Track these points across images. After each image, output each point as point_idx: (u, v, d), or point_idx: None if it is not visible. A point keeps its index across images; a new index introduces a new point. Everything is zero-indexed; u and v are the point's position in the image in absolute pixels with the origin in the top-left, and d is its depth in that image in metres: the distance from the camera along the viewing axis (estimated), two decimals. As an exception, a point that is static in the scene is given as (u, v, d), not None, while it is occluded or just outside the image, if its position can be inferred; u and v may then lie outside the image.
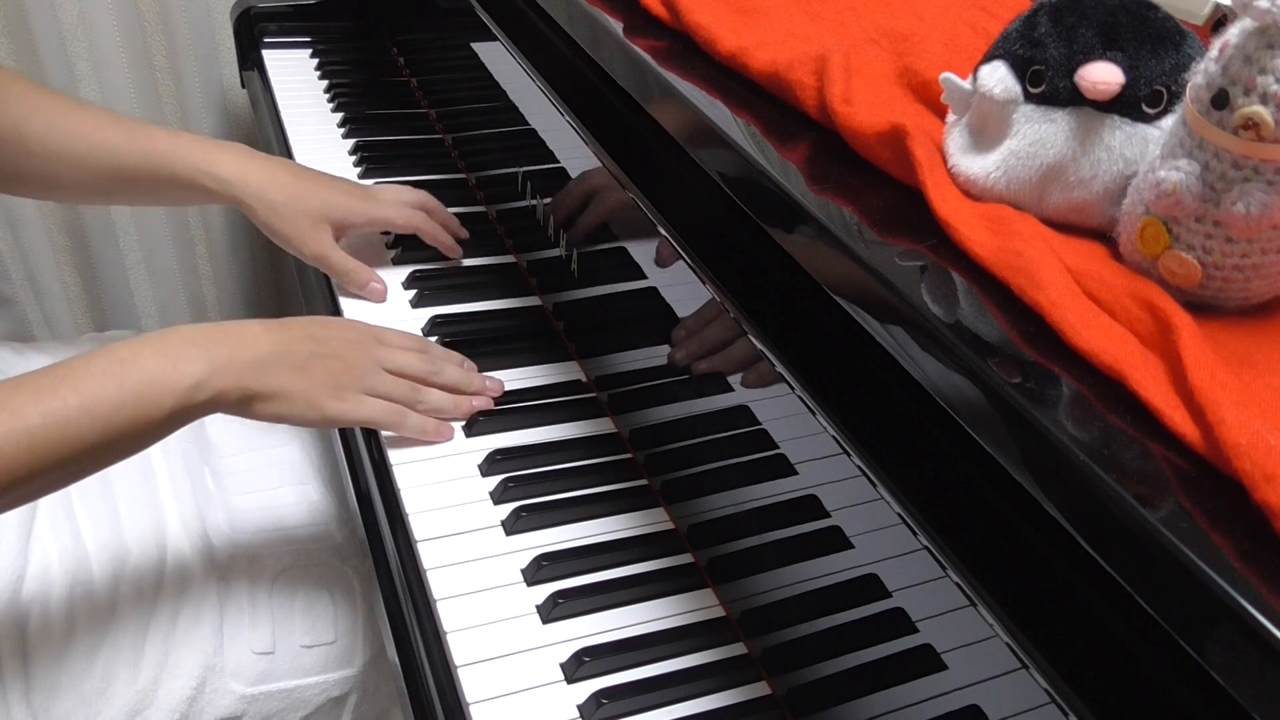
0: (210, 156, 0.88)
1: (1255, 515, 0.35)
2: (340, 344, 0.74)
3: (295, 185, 0.89)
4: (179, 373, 0.65)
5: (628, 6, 0.74)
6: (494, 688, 0.63)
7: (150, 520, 0.83)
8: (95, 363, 0.63)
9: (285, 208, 0.88)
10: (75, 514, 0.81)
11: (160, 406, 0.64)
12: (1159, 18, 0.47)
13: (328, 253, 0.90)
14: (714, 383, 0.67)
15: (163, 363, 0.65)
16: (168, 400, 0.64)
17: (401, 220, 0.94)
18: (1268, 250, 0.43)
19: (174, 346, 0.66)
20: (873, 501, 0.51)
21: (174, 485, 0.86)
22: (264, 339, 0.70)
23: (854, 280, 0.49)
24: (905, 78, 0.60)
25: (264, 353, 0.69)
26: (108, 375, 0.62)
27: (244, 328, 0.71)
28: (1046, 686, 0.41)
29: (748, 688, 0.65)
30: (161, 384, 0.64)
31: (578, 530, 0.74)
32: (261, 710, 0.81)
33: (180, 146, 0.87)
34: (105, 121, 0.87)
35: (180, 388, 0.65)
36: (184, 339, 0.67)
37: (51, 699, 0.73)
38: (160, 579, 0.80)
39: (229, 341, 0.68)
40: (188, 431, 0.91)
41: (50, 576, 0.77)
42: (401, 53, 1.36)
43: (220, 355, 0.67)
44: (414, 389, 0.78)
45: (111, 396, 0.62)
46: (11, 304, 1.46)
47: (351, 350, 0.75)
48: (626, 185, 0.71)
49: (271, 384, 0.69)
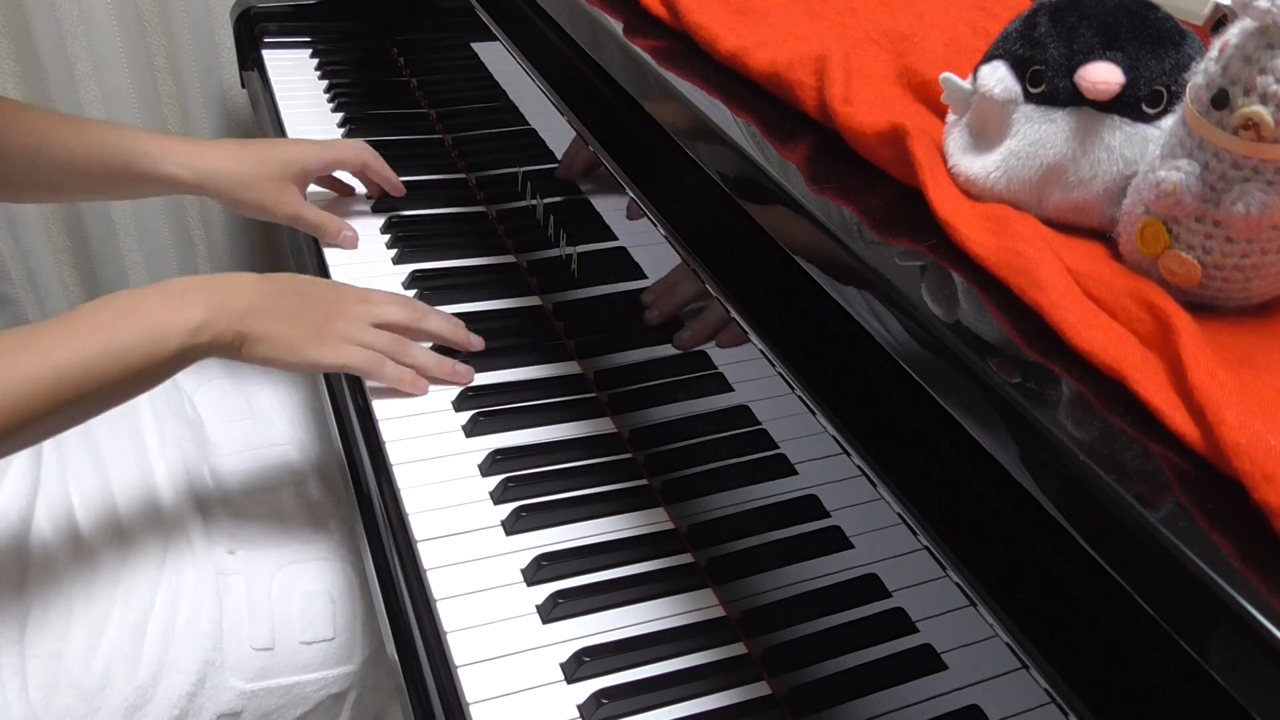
0: (163, 146, 0.91)
1: (1255, 515, 0.35)
2: (324, 299, 0.79)
3: (249, 155, 0.94)
4: (182, 316, 0.70)
5: (628, 6, 0.74)
6: (494, 688, 0.63)
7: (150, 519, 0.83)
8: (107, 308, 0.69)
9: (249, 178, 0.93)
10: (74, 510, 0.82)
11: (168, 346, 0.69)
12: (1159, 18, 0.47)
13: (300, 211, 0.96)
14: (714, 383, 0.67)
15: (168, 307, 0.70)
16: (174, 340, 0.69)
17: (350, 157, 1.01)
18: (1268, 250, 0.43)
19: (176, 293, 0.71)
20: (873, 501, 0.51)
21: (173, 484, 0.86)
22: (255, 287, 0.75)
23: (854, 280, 0.49)
24: (905, 78, 0.60)
25: (255, 299, 0.74)
26: (120, 318, 0.68)
27: (237, 278, 0.76)
28: (1046, 686, 0.41)
29: (748, 688, 0.65)
30: (168, 326, 0.69)
31: (578, 530, 0.74)
32: (261, 706, 0.81)
33: (133, 139, 0.91)
34: (57, 119, 0.90)
35: (184, 329, 0.70)
36: (184, 287, 0.72)
37: (50, 694, 0.73)
38: (159, 575, 0.80)
39: (223, 288, 0.73)
40: (186, 428, 0.91)
41: (49, 572, 0.77)
42: (401, 53, 1.36)
43: (215, 300, 0.72)
44: (399, 342, 0.81)
45: (125, 337, 0.67)
46: (11, 304, 1.46)
47: (334, 304, 0.79)
48: (627, 185, 0.71)
49: (260, 328, 0.74)
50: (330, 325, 0.78)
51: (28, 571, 0.77)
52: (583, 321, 0.89)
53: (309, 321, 0.77)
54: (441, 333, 0.84)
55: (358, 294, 0.82)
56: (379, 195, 1.06)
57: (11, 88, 1.34)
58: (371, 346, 0.80)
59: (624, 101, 0.70)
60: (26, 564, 0.77)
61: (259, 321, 0.74)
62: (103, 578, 0.78)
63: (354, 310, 0.80)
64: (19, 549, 0.78)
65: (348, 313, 0.79)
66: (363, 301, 0.81)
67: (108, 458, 0.86)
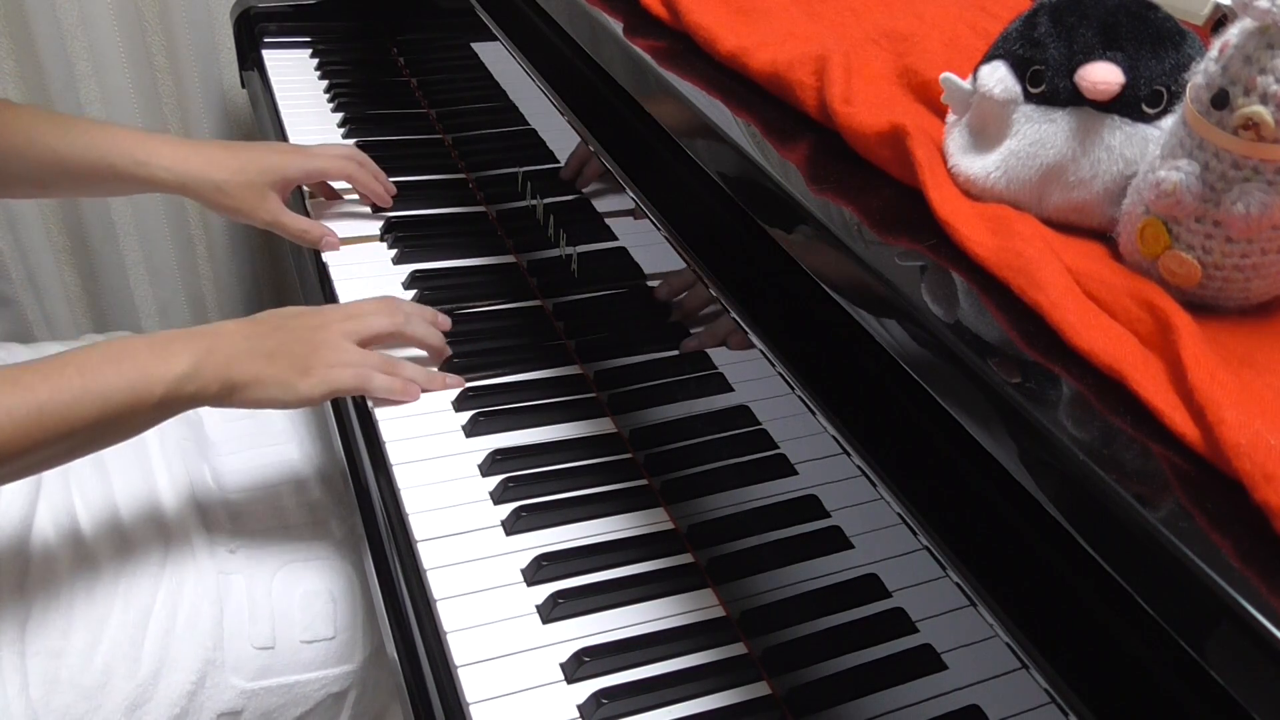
0: (147, 147, 0.92)
1: (1255, 515, 0.35)
2: (307, 329, 0.79)
3: (233, 160, 0.94)
4: (169, 365, 0.71)
5: (628, 6, 0.74)
6: (494, 688, 0.63)
7: (151, 518, 0.83)
8: (95, 353, 0.69)
9: (229, 184, 0.94)
10: (75, 509, 0.82)
11: (152, 393, 0.70)
12: (1159, 18, 0.47)
13: (279, 218, 0.96)
14: (714, 383, 0.67)
15: (155, 355, 0.71)
16: (159, 388, 0.70)
17: (335, 169, 1.00)
18: (1268, 250, 0.43)
19: (164, 343, 0.72)
20: (873, 501, 0.51)
21: (174, 483, 0.86)
22: (237, 334, 0.76)
23: (854, 280, 0.49)
24: (905, 78, 0.60)
25: (239, 346, 0.75)
26: (106, 362, 0.69)
27: (221, 326, 0.77)
28: (1046, 686, 0.41)
29: (748, 688, 0.65)
30: (153, 374, 0.70)
31: (578, 530, 0.74)
32: (261, 705, 0.81)
33: (117, 140, 0.91)
34: (43, 117, 0.91)
35: (170, 378, 0.70)
36: (172, 337, 0.73)
37: (51, 692, 0.73)
38: (160, 574, 0.80)
39: (208, 338, 0.74)
40: (187, 428, 0.91)
41: (50, 571, 0.77)
42: (401, 53, 1.36)
43: (202, 349, 0.73)
44: (388, 361, 0.82)
45: (111, 381, 0.68)
46: (11, 304, 1.46)
47: (317, 332, 0.79)
48: (627, 185, 0.71)
49: (247, 372, 0.74)
50: (316, 355, 0.78)
51: (29, 570, 0.77)
52: (583, 322, 0.89)
53: (295, 355, 0.77)
54: (424, 341, 0.85)
55: (341, 312, 0.82)
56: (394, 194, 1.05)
57: (11, 88, 1.34)
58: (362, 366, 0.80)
59: (624, 102, 0.70)
60: (28, 562, 0.77)
61: (245, 366, 0.74)
62: (103, 576, 0.78)
63: (338, 330, 0.80)
64: (20, 548, 0.78)
65: (331, 340, 0.79)
66: (347, 319, 0.81)
67: (109, 458, 0.86)
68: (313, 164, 0.98)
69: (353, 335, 0.80)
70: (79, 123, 0.92)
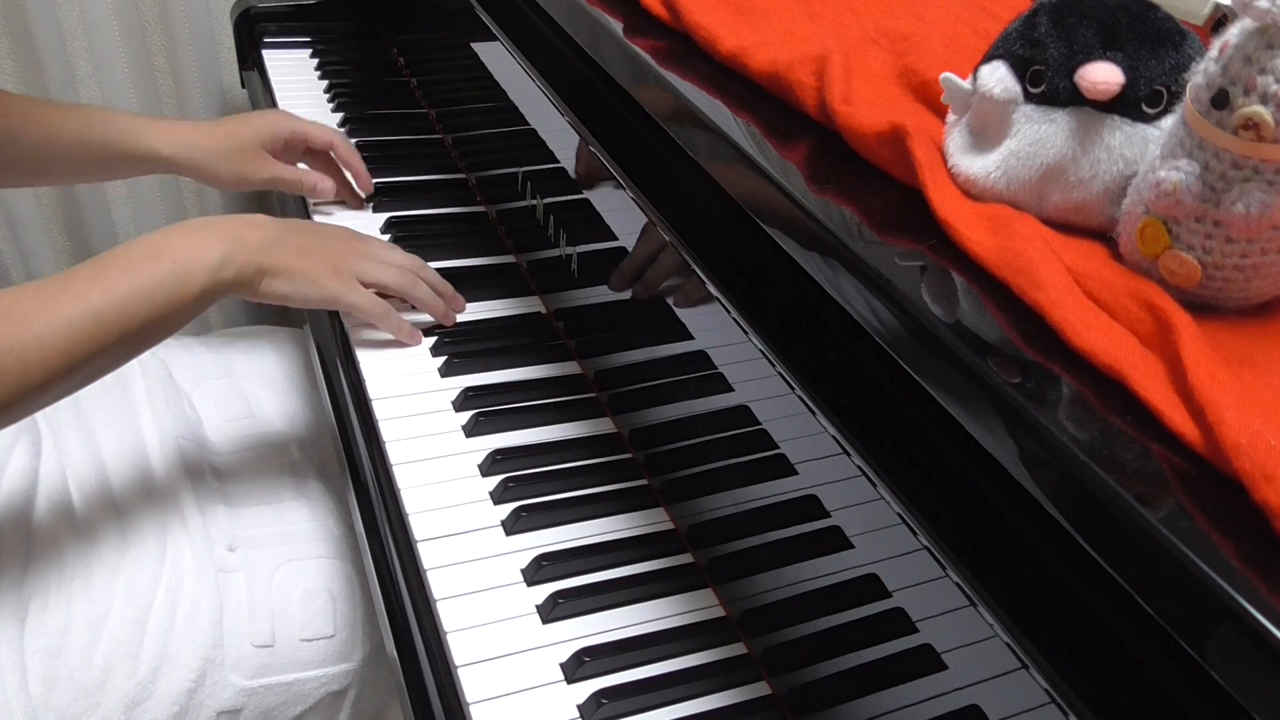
0: (143, 124, 0.94)
1: (1255, 515, 0.35)
2: (340, 236, 0.84)
3: (220, 130, 0.98)
4: (204, 253, 0.73)
5: (628, 6, 0.74)
6: (494, 688, 0.63)
7: (150, 516, 0.83)
8: (132, 250, 0.70)
9: (224, 151, 0.97)
10: (74, 506, 0.81)
11: (194, 283, 0.72)
12: (1159, 18, 0.47)
13: (277, 173, 1.00)
14: (714, 383, 0.67)
15: (190, 246, 0.73)
16: (200, 277, 0.72)
17: (318, 132, 1.02)
18: (1268, 250, 0.43)
19: (196, 231, 0.74)
20: (873, 501, 0.51)
21: (173, 484, 0.86)
22: (270, 225, 0.79)
23: (854, 280, 0.49)
24: (905, 78, 0.60)
25: (271, 234, 0.78)
26: (147, 259, 0.70)
27: (251, 217, 0.79)
28: (1046, 686, 0.41)
29: (748, 688, 0.65)
30: (193, 263, 0.72)
31: (578, 530, 0.74)
32: (261, 703, 0.81)
33: (112, 119, 0.94)
34: (37, 103, 0.92)
35: (208, 265, 0.72)
36: (202, 225, 0.75)
37: (50, 690, 0.73)
38: (159, 572, 0.80)
39: (240, 225, 0.77)
40: (186, 428, 0.91)
41: (49, 569, 0.77)
42: (401, 53, 1.36)
43: (234, 236, 0.75)
44: (409, 276, 0.86)
45: (154, 277, 0.69)
46: (11, 303, 1.46)
47: (345, 241, 0.84)
48: (627, 185, 0.71)
49: (279, 261, 0.77)
50: (346, 260, 0.82)
51: (28, 567, 0.77)
52: (583, 321, 0.89)
53: (326, 256, 0.80)
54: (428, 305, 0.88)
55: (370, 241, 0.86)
56: (370, 194, 1.06)
57: (11, 87, 1.34)
58: (383, 281, 0.84)
59: (624, 102, 0.70)
60: (28, 560, 0.77)
61: (277, 255, 0.77)
62: (103, 574, 0.78)
63: (361, 248, 0.84)
64: (18, 545, 0.78)
65: (357, 249, 0.83)
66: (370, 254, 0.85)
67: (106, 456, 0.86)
68: (298, 124, 1.02)
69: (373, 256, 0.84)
70: (76, 107, 0.95)
